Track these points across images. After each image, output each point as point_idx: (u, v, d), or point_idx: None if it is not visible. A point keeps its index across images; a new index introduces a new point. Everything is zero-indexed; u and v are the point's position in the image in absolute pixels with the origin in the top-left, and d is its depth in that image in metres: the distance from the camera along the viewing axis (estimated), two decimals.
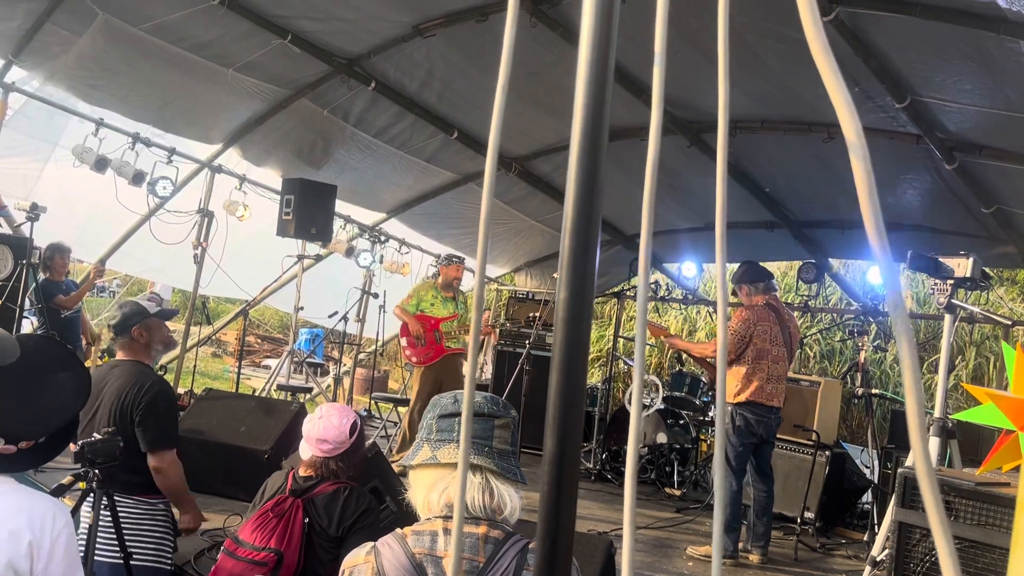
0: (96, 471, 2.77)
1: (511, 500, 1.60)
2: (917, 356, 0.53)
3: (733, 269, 5.80)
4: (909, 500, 3.26)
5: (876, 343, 7.94)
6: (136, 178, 6.88)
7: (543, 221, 8.71)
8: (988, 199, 5.98)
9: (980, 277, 3.67)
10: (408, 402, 7.34)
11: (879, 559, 3.81)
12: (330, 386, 9.07)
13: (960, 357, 10.72)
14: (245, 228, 7.81)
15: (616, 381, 10.43)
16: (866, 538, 5.72)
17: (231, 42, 5.93)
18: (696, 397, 7.56)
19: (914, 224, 6.53)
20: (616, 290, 9.09)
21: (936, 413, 3.82)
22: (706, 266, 8.85)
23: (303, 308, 7.80)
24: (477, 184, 8.08)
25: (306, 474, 2.86)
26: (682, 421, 7.59)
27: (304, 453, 2.87)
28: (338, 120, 6.95)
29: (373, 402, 9.68)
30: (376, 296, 8.41)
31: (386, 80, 6.53)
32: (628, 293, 8.98)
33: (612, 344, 8.53)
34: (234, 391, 7.66)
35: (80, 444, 2.75)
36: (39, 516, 1.71)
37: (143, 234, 7.65)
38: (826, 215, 7.32)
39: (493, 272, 10.25)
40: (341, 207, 8.18)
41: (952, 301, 3.71)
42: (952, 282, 3.66)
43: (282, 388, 7.89)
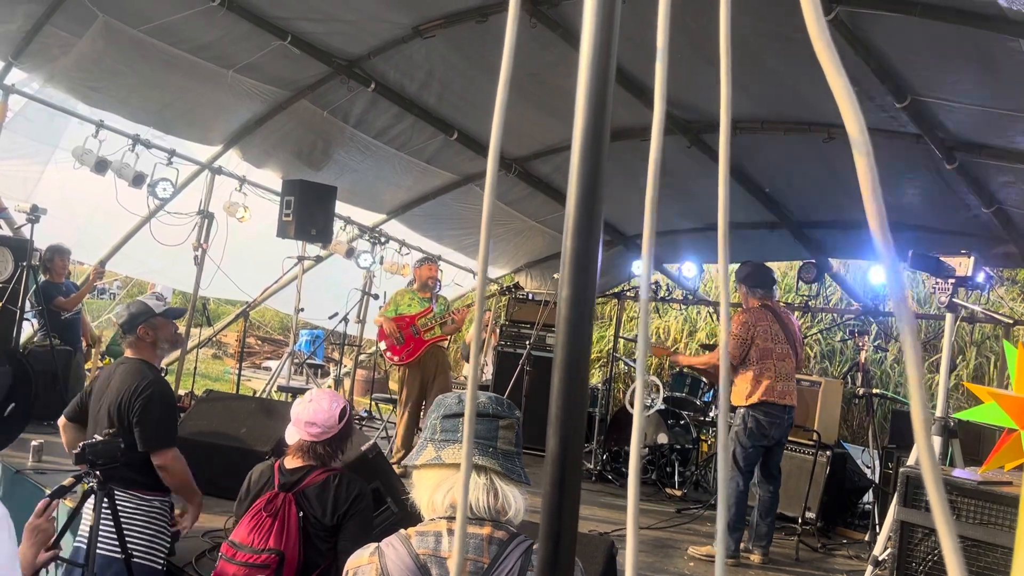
0: (97, 472, 2.77)
1: (515, 501, 1.59)
2: (920, 348, 0.53)
3: (735, 268, 5.80)
4: (911, 499, 3.26)
5: (876, 343, 7.95)
6: (136, 180, 6.88)
7: (543, 222, 8.70)
8: (988, 199, 5.98)
9: (985, 279, 3.68)
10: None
11: (881, 558, 3.81)
12: (330, 387, 9.06)
13: (961, 357, 10.72)
14: (245, 229, 7.81)
15: (616, 382, 10.42)
16: (867, 538, 5.71)
17: (231, 43, 5.93)
18: (697, 398, 7.56)
19: (915, 224, 6.53)
20: (616, 290, 9.09)
21: (938, 412, 3.82)
22: (706, 266, 8.83)
23: (303, 309, 7.79)
24: (477, 185, 8.08)
25: (293, 464, 2.80)
26: (683, 421, 7.59)
27: (291, 438, 2.81)
28: (338, 121, 6.95)
29: (373, 403, 9.68)
30: (376, 297, 8.41)
31: (386, 81, 6.53)
32: (628, 294, 8.99)
33: (612, 345, 8.53)
34: (235, 393, 7.67)
35: (81, 446, 2.76)
36: None
37: (143, 236, 7.64)
38: (826, 215, 7.30)
39: (494, 273, 10.25)
40: (341, 208, 8.17)
41: (954, 300, 3.71)
42: (953, 281, 3.66)
43: (282, 389, 7.89)
